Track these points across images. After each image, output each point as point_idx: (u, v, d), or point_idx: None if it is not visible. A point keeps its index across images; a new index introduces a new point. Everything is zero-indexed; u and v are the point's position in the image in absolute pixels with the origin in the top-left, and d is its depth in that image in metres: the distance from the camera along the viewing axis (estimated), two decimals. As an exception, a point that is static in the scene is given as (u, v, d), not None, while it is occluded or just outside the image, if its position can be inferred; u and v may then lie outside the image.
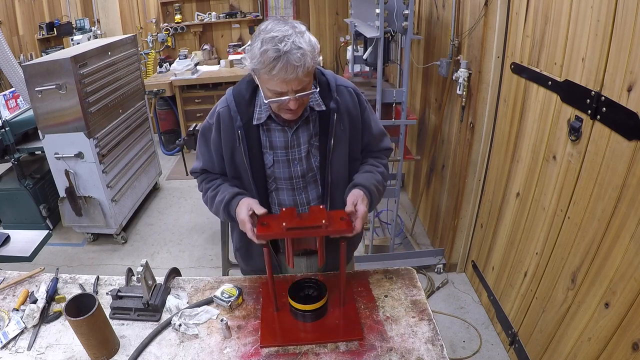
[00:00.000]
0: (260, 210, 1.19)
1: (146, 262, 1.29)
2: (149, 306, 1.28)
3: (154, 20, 5.25)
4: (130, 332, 1.25)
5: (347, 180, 1.35)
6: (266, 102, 1.15)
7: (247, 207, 1.21)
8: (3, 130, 2.94)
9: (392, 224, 2.95)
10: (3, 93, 3.15)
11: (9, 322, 1.27)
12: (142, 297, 1.28)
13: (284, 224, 1.11)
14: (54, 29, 4.87)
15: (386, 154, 1.47)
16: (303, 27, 1.11)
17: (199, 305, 1.31)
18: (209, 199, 1.36)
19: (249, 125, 1.25)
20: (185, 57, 4.95)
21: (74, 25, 5.06)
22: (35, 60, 2.87)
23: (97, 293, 1.39)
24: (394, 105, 2.46)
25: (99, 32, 5.14)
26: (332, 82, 1.28)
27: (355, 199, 1.22)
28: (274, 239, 1.38)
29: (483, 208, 2.48)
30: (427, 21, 2.94)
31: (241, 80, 1.31)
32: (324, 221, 1.11)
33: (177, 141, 2.80)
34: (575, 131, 1.54)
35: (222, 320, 1.20)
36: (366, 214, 1.23)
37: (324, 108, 1.25)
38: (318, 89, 1.22)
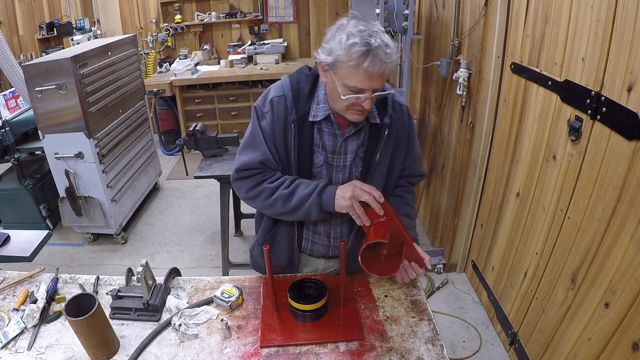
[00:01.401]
0: (381, 197, 1.12)
1: (146, 262, 1.29)
2: (149, 306, 1.28)
3: (154, 20, 5.25)
4: (130, 332, 1.24)
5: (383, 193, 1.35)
6: (343, 97, 1.09)
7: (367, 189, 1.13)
8: (3, 130, 2.94)
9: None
10: (3, 93, 3.15)
11: (9, 322, 1.27)
12: (142, 297, 1.28)
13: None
14: (54, 29, 4.87)
15: (419, 181, 1.48)
16: (382, 28, 1.11)
17: (199, 305, 1.31)
18: (282, 197, 1.22)
19: (303, 120, 1.21)
20: (185, 57, 4.96)
21: (74, 25, 5.06)
22: (35, 60, 2.87)
23: (97, 293, 1.39)
24: (394, 105, 2.46)
25: (99, 32, 5.14)
26: (389, 97, 1.25)
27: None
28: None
29: (483, 208, 2.48)
30: (427, 21, 2.94)
31: (300, 70, 1.26)
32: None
33: (177, 141, 2.80)
34: (575, 131, 1.54)
35: (222, 320, 1.20)
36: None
37: (378, 121, 1.24)
38: (392, 90, 1.19)
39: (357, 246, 1.33)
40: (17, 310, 1.32)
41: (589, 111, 1.45)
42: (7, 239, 1.93)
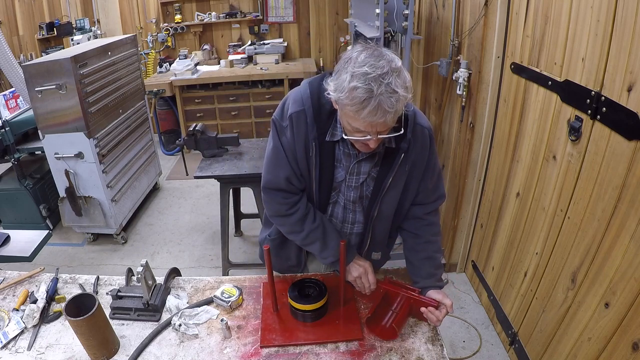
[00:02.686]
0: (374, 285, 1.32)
1: (146, 262, 1.29)
2: (149, 306, 1.28)
3: (154, 20, 5.25)
4: (130, 332, 1.25)
5: (392, 216, 1.34)
6: (345, 136, 1.08)
7: (370, 270, 1.31)
8: (3, 130, 2.94)
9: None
10: (3, 93, 3.15)
11: (9, 322, 1.27)
12: (142, 297, 1.28)
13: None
14: (54, 29, 4.87)
15: (437, 205, 1.38)
16: (399, 63, 0.99)
17: (199, 305, 1.31)
18: (310, 233, 1.28)
19: (323, 137, 1.17)
20: (185, 57, 4.95)
21: (74, 25, 5.06)
22: (35, 60, 2.87)
23: (97, 293, 1.39)
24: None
25: (99, 32, 5.13)
26: (410, 120, 1.15)
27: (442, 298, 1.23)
28: None
29: (483, 208, 2.48)
30: (427, 21, 2.94)
31: (322, 77, 1.14)
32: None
33: (177, 141, 2.79)
34: (575, 131, 1.54)
35: (222, 320, 1.20)
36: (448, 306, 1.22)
37: (393, 146, 1.18)
38: (402, 130, 1.09)
39: (367, 258, 1.39)
40: (17, 310, 1.32)
41: (589, 111, 1.45)
42: (7, 239, 1.93)
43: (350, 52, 1.03)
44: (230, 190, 2.67)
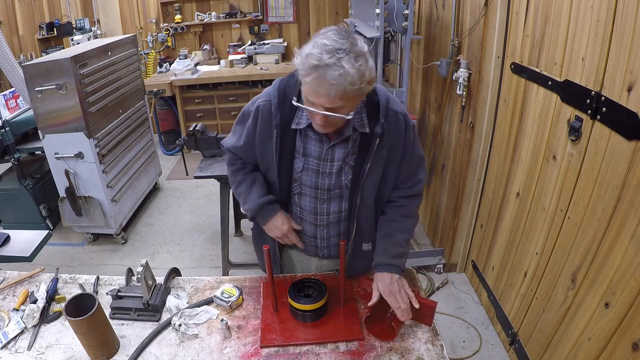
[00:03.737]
0: (296, 226, 1.33)
1: (146, 262, 1.29)
2: (149, 306, 1.28)
3: (154, 20, 5.25)
4: (130, 332, 1.25)
5: (375, 201, 1.33)
6: (294, 103, 1.11)
7: (286, 220, 1.32)
8: (3, 130, 2.94)
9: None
10: (3, 93, 3.15)
11: (9, 322, 1.27)
12: (142, 297, 1.28)
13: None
14: (54, 29, 4.87)
15: (416, 191, 1.36)
16: (364, 49, 1.02)
17: (199, 305, 1.31)
18: (240, 184, 1.37)
19: (286, 126, 1.21)
20: (185, 57, 4.95)
21: (74, 25, 5.06)
22: (35, 60, 2.87)
23: (97, 293, 1.39)
24: (394, 105, 2.46)
25: (99, 32, 5.13)
26: (382, 105, 1.19)
27: (387, 289, 1.20)
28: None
29: (483, 208, 2.48)
30: (427, 21, 2.94)
31: (291, 74, 1.21)
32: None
33: (177, 141, 2.79)
34: (575, 131, 1.54)
35: (222, 320, 1.20)
36: (400, 302, 1.19)
37: (367, 130, 1.19)
38: (351, 116, 1.09)
39: (356, 250, 1.37)
40: (17, 310, 1.32)
41: (589, 111, 1.45)
42: (7, 239, 1.93)
43: (325, 29, 1.06)
44: (230, 190, 2.67)
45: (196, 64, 4.95)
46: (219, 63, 5.05)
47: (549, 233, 1.78)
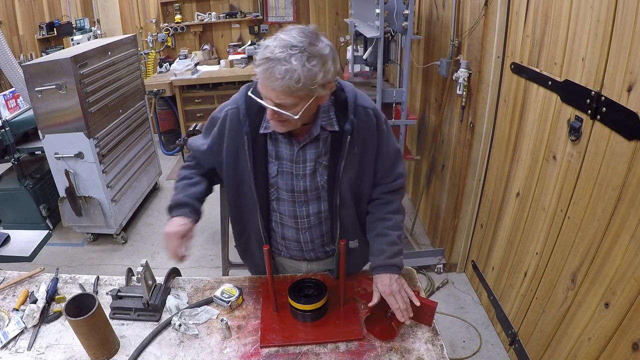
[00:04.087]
0: (188, 241, 1.23)
1: (146, 262, 1.29)
2: (149, 306, 1.28)
3: (154, 20, 5.25)
4: (130, 332, 1.25)
5: (355, 199, 1.31)
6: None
7: (180, 226, 1.23)
8: (3, 130, 2.94)
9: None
10: (3, 93, 3.15)
11: (9, 322, 1.27)
12: (142, 297, 1.28)
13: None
14: (54, 29, 4.87)
15: (398, 185, 1.35)
16: (325, 52, 1.01)
17: (199, 305, 1.31)
18: (183, 178, 1.36)
19: (256, 132, 1.20)
20: (185, 57, 4.95)
21: (74, 25, 5.06)
22: (35, 60, 2.87)
23: (97, 293, 1.39)
24: (394, 105, 2.46)
25: (99, 32, 5.13)
26: (350, 102, 1.19)
27: (387, 290, 1.19)
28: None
29: (483, 208, 2.48)
30: (427, 21, 2.94)
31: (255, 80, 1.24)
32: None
33: (177, 141, 2.80)
34: (575, 131, 1.54)
35: (222, 320, 1.20)
36: (400, 302, 1.18)
37: (337, 129, 1.18)
38: (298, 116, 1.06)
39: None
40: (17, 310, 1.32)
41: (589, 111, 1.45)
42: (7, 239, 1.93)
43: (293, 26, 1.06)
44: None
45: (196, 64, 4.94)
46: (219, 63, 5.05)
47: (549, 233, 1.78)
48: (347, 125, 1.18)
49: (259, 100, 1.08)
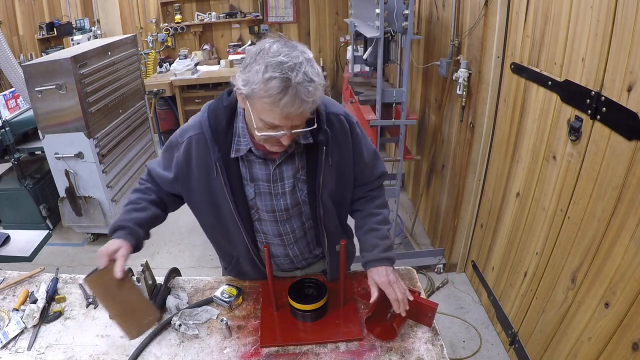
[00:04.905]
0: (119, 263, 1.11)
1: (146, 262, 1.30)
2: (149, 306, 1.28)
3: (154, 20, 5.26)
4: (130, 332, 1.24)
5: (339, 208, 1.29)
6: (258, 134, 1.01)
7: (115, 249, 1.14)
8: (3, 130, 2.94)
9: (392, 224, 2.94)
10: (3, 93, 3.15)
11: (9, 322, 1.27)
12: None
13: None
14: (54, 29, 4.87)
15: (380, 182, 1.35)
16: (311, 55, 0.98)
17: (199, 305, 1.31)
18: (131, 203, 1.28)
19: (227, 156, 1.13)
20: (185, 57, 4.96)
21: (74, 25, 5.06)
22: (35, 60, 2.87)
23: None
24: (394, 105, 2.46)
25: (99, 32, 5.14)
26: (322, 111, 1.13)
27: (385, 280, 1.17)
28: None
29: (483, 208, 2.48)
30: (427, 21, 2.94)
31: (217, 99, 1.15)
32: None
33: (177, 141, 2.80)
34: (575, 131, 1.54)
35: (222, 320, 1.20)
36: (399, 295, 1.16)
37: (311, 141, 1.13)
38: (315, 125, 1.06)
39: (331, 253, 1.33)
40: (17, 310, 1.32)
41: (589, 111, 1.45)
42: (7, 239, 1.93)
43: (260, 43, 0.99)
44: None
45: (196, 64, 4.95)
46: (219, 63, 5.05)
47: (549, 233, 1.78)
48: (321, 136, 1.13)
49: (270, 134, 1.00)
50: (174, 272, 1.46)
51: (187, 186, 1.23)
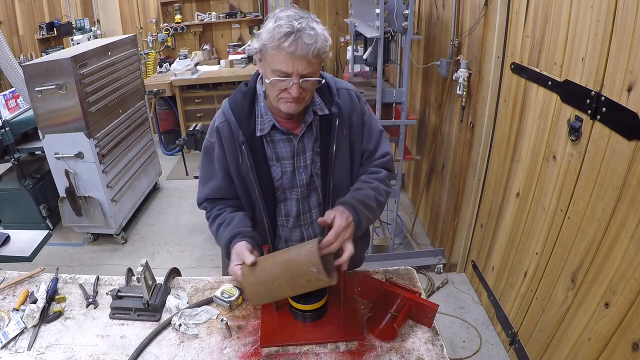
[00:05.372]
0: (249, 259, 1.11)
1: (146, 262, 1.29)
2: (149, 306, 1.28)
3: (154, 20, 5.26)
4: (130, 332, 1.25)
5: (349, 185, 1.31)
6: (268, 80, 1.10)
7: (237, 257, 1.16)
8: (3, 130, 2.94)
9: (392, 224, 2.95)
10: (3, 93, 3.15)
11: (9, 322, 1.27)
12: (142, 297, 1.28)
13: None
14: (54, 29, 4.87)
15: (385, 162, 1.34)
16: (320, 22, 1.10)
17: (199, 305, 1.31)
18: (214, 231, 1.31)
19: (252, 138, 1.20)
20: (185, 57, 4.96)
21: (74, 25, 5.07)
22: (35, 60, 2.87)
23: (97, 293, 1.39)
24: (394, 105, 2.47)
25: (99, 32, 5.14)
26: (332, 86, 1.23)
27: (333, 213, 1.13)
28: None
29: (483, 208, 2.48)
30: (427, 21, 2.94)
31: (236, 91, 1.25)
32: None
33: (177, 141, 2.80)
34: (575, 131, 1.54)
35: (222, 320, 1.20)
36: (342, 228, 1.09)
37: (327, 112, 1.21)
38: (323, 80, 1.16)
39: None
40: (17, 310, 1.32)
41: (589, 111, 1.45)
42: (7, 239, 1.93)
43: (273, 12, 1.11)
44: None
45: (196, 64, 4.95)
46: (219, 63, 5.05)
47: (549, 233, 1.78)
48: (334, 108, 1.22)
49: (281, 79, 1.08)
50: (174, 272, 1.46)
51: (228, 177, 1.28)
